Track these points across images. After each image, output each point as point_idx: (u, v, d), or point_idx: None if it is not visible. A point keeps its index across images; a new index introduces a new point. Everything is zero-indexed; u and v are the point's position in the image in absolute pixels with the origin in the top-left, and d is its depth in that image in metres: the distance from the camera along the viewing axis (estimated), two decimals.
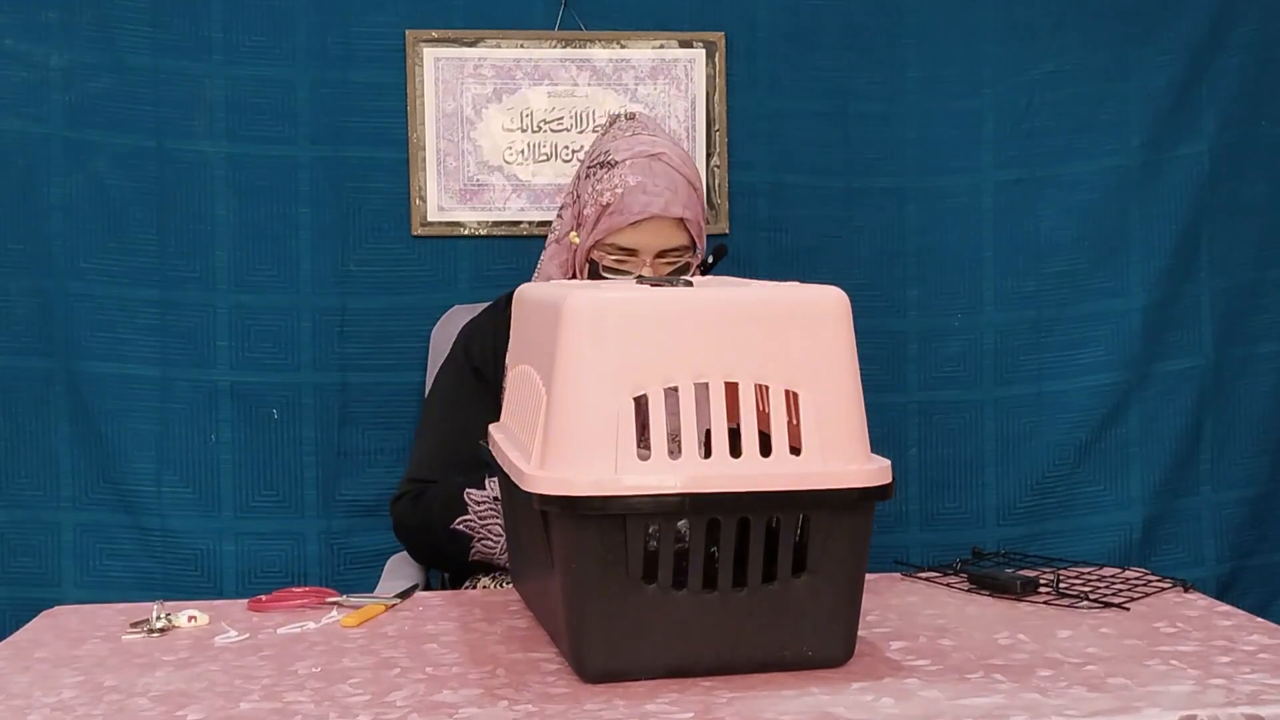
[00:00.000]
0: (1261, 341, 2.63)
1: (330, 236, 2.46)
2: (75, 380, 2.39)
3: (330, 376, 2.46)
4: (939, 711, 1.17)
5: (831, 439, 1.25)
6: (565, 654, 1.30)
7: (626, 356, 1.23)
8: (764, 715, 1.16)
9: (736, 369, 1.24)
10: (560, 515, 1.22)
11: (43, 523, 2.41)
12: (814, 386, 1.26)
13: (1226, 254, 2.60)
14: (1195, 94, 2.57)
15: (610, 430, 1.21)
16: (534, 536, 1.33)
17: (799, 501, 1.24)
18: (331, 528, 2.46)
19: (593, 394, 1.22)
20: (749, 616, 1.26)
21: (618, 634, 1.24)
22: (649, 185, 1.87)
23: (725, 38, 2.53)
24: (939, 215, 2.59)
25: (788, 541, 1.26)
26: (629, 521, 1.21)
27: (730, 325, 1.26)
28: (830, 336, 1.27)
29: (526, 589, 1.54)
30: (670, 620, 1.24)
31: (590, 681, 1.25)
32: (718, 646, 1.26)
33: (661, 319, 1.25)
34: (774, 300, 1.30)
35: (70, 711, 1.22)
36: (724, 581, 1.25)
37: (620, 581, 1.23)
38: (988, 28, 2.58)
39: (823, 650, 1.29)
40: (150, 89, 2.40)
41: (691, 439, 1.22)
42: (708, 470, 1.22)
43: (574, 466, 1.22)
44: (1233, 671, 1.26)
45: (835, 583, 1.28)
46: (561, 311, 1.24)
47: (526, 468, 1.27)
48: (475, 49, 2.48)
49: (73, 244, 2.39)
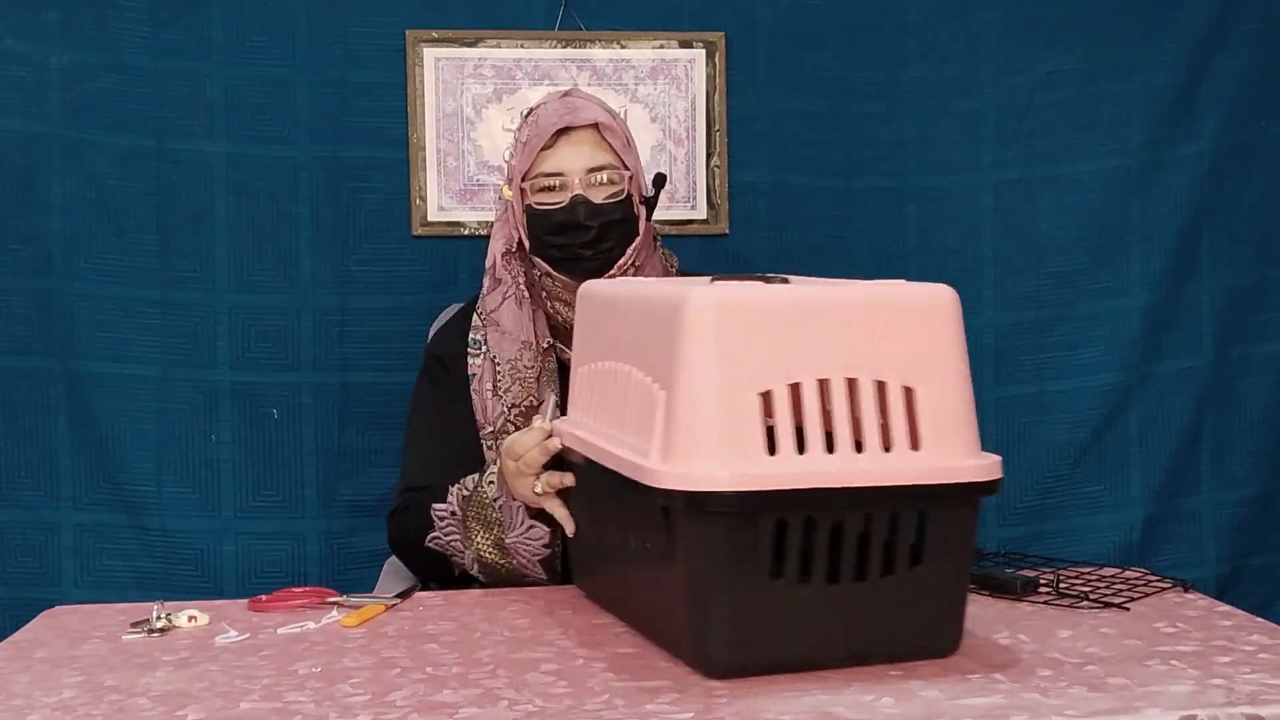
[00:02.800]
0: (1261, 341, 2.62)
1: (330, 236, 2.46)
2: (75, 380, 2.39)
3: (330, 376, 2.46)
4: (939, 711, 1.17)
5: (949, 434, 1.29)
6: (683, 650, 1.30)
7: (752, 354, 1.25)
8: (764, 715, 1.17)
9: (856, 366, 1.27)
10: (687, 511, 1.23)
11: (43, 523, 2.41)
12: (930, 383, 1.30)
13: (1226, 254, 2.60)
14: (1195, 94, 2.57)
15: (739, 427, 1.23)
16: (636, 533, 1.34)
17: (920, 496, 1.28)
18: (331, 528, 2.46)
19: (721, 391, 1.24)
20: (869, 609, 1.29)
21: (745, 629, 1.26)
22: (560, 108, 1.88)
23: (725, 38, 2.53)
24: (939, 215, 2.59)
25: (906, 535, 1.29)
26: (760, 517, 1.23)
27: (849, 323, 1.29)
28: (945, 333, 1.32)
29: (611, 589, 1.53)
30: (797, 614, 1.27)
31: (716, 677, 1.26)
32: (840, 639, 1.29)
33: (784, 316, 1.27)
34: (890, 298, 1.33)
35: (70, 711, 1.22)
36: (847, 575, 1.27)
37: (749, 576, 1.24)
38: (988, 28, 2.58)
39: (936, 640, 1.33)
40: (150, 89, 2.40)
41: (817, 435, 1.25)
42: (834, 466, 1.25)
43: (702, 462, 1.23)
44: (1233, 671, 1.26)
45: (948, 574, 1.32)
46: (685, 310, 1.25)
47: (646, 463, 1.27)
48: (475, 49, 2.48)
49: (73, 244, 2.39)
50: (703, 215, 2.54)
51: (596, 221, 1.83)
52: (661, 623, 1.35)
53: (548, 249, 1.85)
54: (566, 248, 1.84)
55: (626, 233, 1.86)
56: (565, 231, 1.83)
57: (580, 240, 1.82)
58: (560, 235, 1.83)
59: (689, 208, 2.54)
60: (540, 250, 1.86)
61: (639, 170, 1.91)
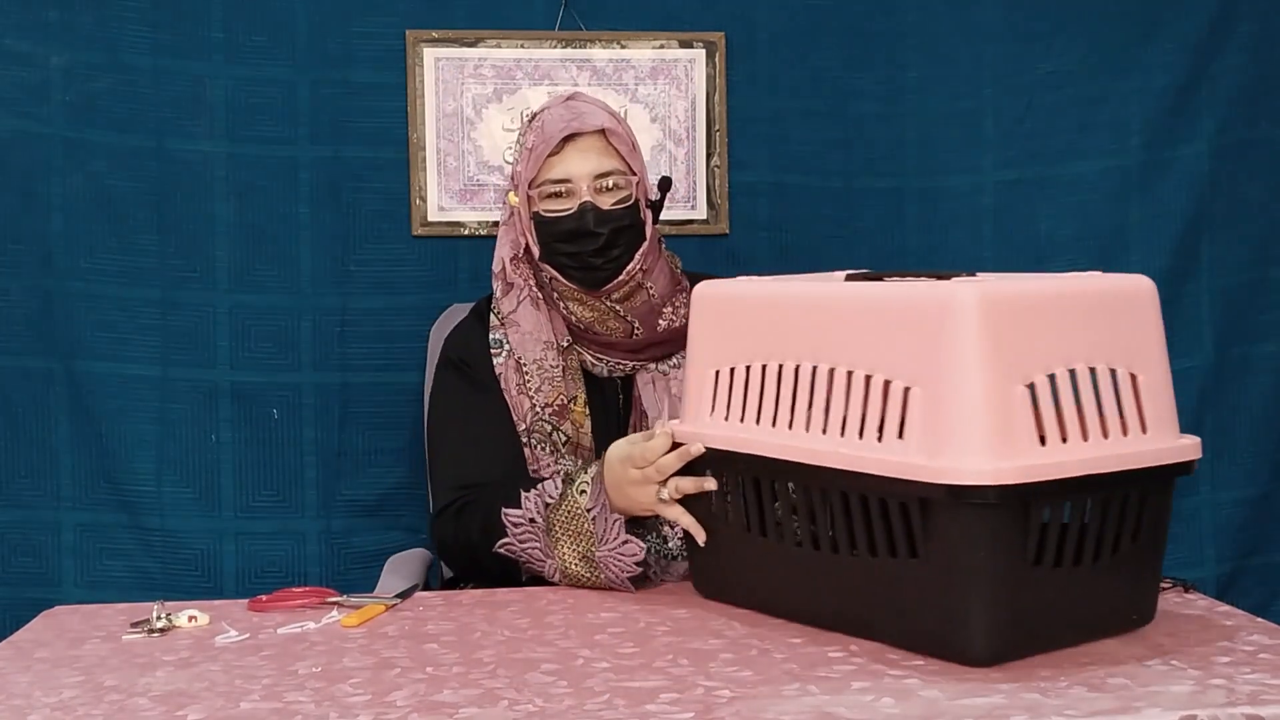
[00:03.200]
0: (1261, 341, 2.62)
1: (330, 236, 2.46)
2: (75, 380, 2.39)
3: (330, 376, 2.46)
4: (939, 711, 1.17)
5: (1166, 417, 1.38)
6: (933, 640, 1.31)
7: (1015, 347, 1.28)
8: (764, 715, 1.17)
9: (1095, 355, 1.33)
10: (958, 504, 1.25)
11: (43, 523, 2.41)
12: (1149, 369, 1.37)
13: (1226, 254, 2.60)
14: (1195, 94, 2.57)
15: (1010, 419, 1.26)
16: (862, 530, 1.35)
17: (1156, 475, 1.37)
18: (331, 528, 2.46)
19: (994, 384, 1.26)
20: (1105, 587, 1.35)
21: (1007, 615, 1.29)
22: (566, 114, 1.87)
23: (725, 38, 2.53)
24: (939, 215, 2.59)
25: (1131, 514, 1.35)
26: (1031, 506, 1.27)
27: (1083, 314, 1.35)
28: (1154, 321, 1.39)
29: (784, 590, 1.48)
30: (1049, 597, 1.30)
31: (980, 665, 1.28)
32: (1080, 618, 1.35)
33: (1036, 310, 1.32)
34: (1104, 289, 1.41)
35: (70, 711, 1.22)
36: (1088, 556, 1.32)
37: (1015, 564, 1.27)
38: (988, 28, 2.58)
39: (1144, 612, 1.41)
40: (150, 89, 2.40)
41: (1075, 423, 1.29)
42: (1093, 453, 1.30)
43: (974, 455, 1.25)
44: (1233, 671, 1.26)
45: (1157, 548, 1.40)
46: (953, 307, 1.27)
47: (903, 459, 1.28)
48: (475, 49, 2.48)
49: (73, 244, 2.39)
50: (703, 215, 2.54)
51: (606, 228, 1.82)
52: (903, 618, 1.34)
53: (557, 255, 1.84)
54: (576, 255, 1.83)
55: (634, 238, 1.85)
56: (574, 239, 1.82)
57: (590, 248, 1.82)
58: (569, 243, 1.83)
59: (689, 208, 2.54)
60: (549, 257, 1.85)
61: (645, 174, 1.90)
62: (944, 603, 1.29)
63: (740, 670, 1.30)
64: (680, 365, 1.87)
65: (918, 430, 1.28)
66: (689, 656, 1.35)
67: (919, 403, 1.28)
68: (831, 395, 1.38)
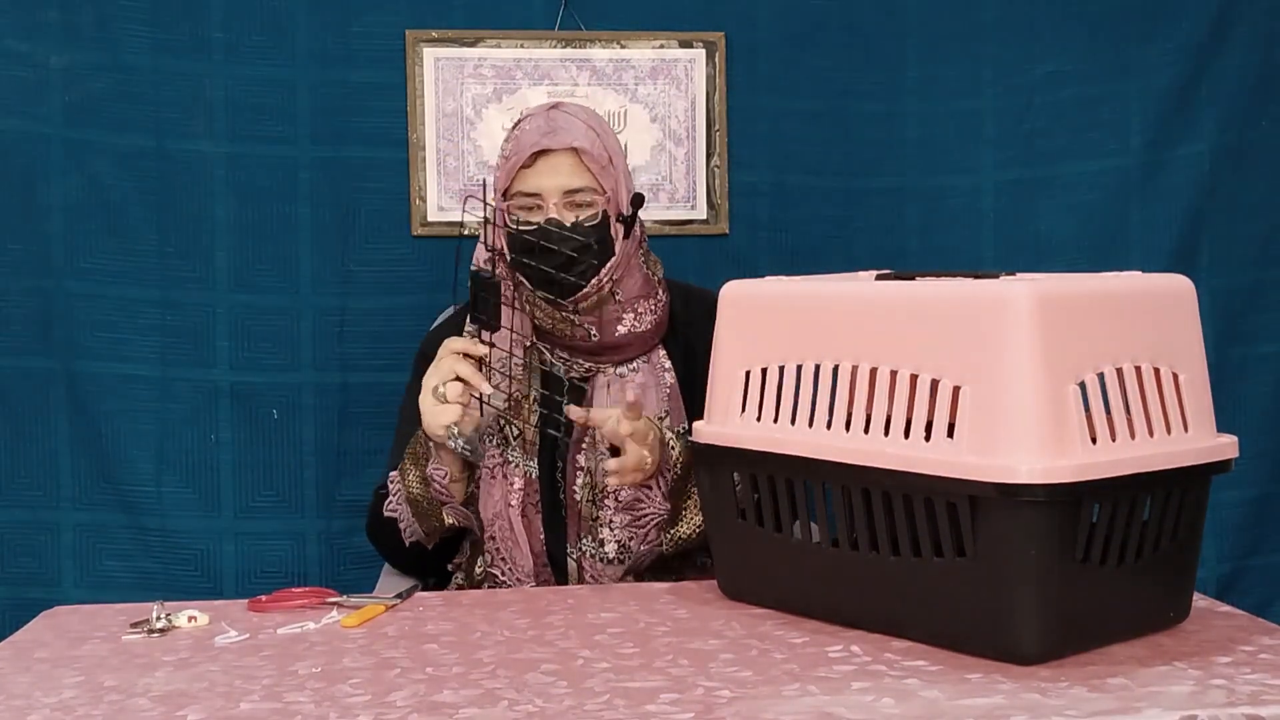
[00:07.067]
0: (1261, 341, 2.62)
1: (330, 236, 2.46)
2: (75, 380, 2.39)
3: (330, 376, 2.46)
4: (939, 711, 1.17)
5: (1205, 416, 1.39)
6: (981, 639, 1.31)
7: (1065, 345, 1.28)
8: (764, 715, 1.17)
9: (1140, 354, 1.34)
10: (1010, 503, 1.25)
11: (43, 523, 2.41)
12: (1190, 368, 1.38)
13: (1226, 254, 2.60)
14: (1195, 94, 2.57)
15: (1063, 417, 1.26)
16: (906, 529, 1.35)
17: (1198, 473, 1.37)
18: (331, 528, 2.47)
19: (1046, 382, 1.26)
20: (1148, 584, 1.36)
21: (1056, 613, 1.29)
22: (543, 126, 1.88)
23: (725, 38, 2.53)
24: (939, 215, 2.59)
25: (1173, 512, 1.37)
26: (1083, 504, 1.27)
27: (1129, 312, 1.36)
28: (1193, 320, 1.41)
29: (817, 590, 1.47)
30: (1096, 595, 1.31)
31: (1029, 664, 1.28)
32: (1124, 616, 1.35)
33: (1084, 308, 1.32)
34: (1146, 288, 1.42)
35: (70, 711, 1.22)
36: (1130, 553, 1.33)
37: (1065, 562, 1.28)
38: (988, 28, 2.58)
39: (1181, 609, 1.42)
40: (150, 89, 2.40)
41: (1122, 421, 1.30)
42: (1140, 451, 1.31)
43: (1026, 454, 1.25)
44: (1233, 671, 1.26)
45: (1194, 548, 1.41)
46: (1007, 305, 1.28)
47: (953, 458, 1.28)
48: (475, 49, 2.48)
49: (73, 244, 2.39)
50: (703, 215, 2.54)
51: (568, 246, 1.83)
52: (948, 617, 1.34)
53: (522, 267, 1.87)
54: (537, 269, 1.84)
55: (601, 254, 1.86)
56: (536, 254, 1.84)
57: (552, 264, 1.83)
58: (531, 255, 1.84)
59: (689, 208, 2.54)
60: (516, 266, 1.88)
61: (619, 189, 1.90)
62: (992, 601, 1.29)
63: (740, 670, 1.30)
64: (639, 370, 1.91)
65: (968, 429, 1.28)
66: (689, 656, 1.35)
67: (969, 401, 1.28)
68: (874, 395, 1.37)
